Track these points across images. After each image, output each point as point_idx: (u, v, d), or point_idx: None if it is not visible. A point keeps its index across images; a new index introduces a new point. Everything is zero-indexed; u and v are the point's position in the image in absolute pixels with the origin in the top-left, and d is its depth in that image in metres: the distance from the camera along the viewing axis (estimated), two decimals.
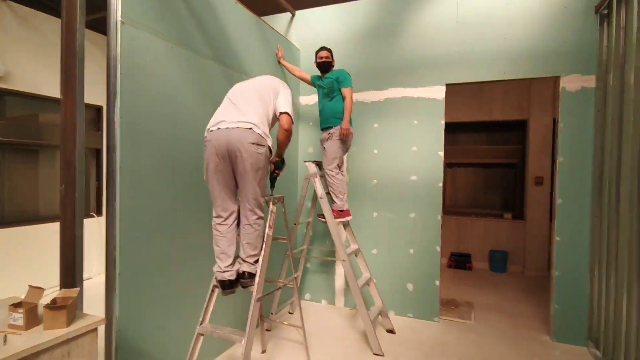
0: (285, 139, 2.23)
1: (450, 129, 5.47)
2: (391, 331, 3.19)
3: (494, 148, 5.93)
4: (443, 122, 3.38)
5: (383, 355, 2.76)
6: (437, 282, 3.40)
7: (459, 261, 5.41)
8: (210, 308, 2.18)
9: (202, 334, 2.13)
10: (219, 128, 1.99)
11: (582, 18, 2.99)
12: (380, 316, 3.24)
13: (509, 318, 3.56)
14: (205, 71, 2.52)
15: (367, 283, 3.21)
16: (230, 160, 1.98)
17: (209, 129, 2.03)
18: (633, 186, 2.27)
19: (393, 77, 3.55)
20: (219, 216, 2.09)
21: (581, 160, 3.00)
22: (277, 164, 2.44)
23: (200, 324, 2.13)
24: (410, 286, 3.50)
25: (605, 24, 2.84)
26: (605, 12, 2.82)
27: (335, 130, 3.03)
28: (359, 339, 3.04)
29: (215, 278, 2.14)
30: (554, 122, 4.88)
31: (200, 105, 2.43)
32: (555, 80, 3.07)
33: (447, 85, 3.38)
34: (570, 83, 3.01)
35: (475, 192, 6.19)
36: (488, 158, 5.94)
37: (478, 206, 6.10)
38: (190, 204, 2.35)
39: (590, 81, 2.96)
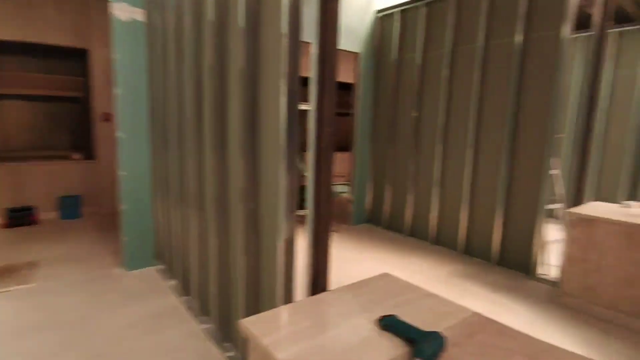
0: None
1: None
2: None
3: (53, 78, 5.05)
4: None
5: None
6: None
7: (18, 217, 4.41)
8: None
9: None
10: None
11: None
12: None
13: (81, 264, 3.33)
14: None
15: None
16: None
17: None
18: (175, 120, 2.57)
19: None
20: None
21: (138, 94, 3.07)
22: None
23: None
24: None
25: None
26: None
27: None
28: None
29: None
30: None
31: None
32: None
33: None
34: (120, 12, 2.90)
35: (36, 131, 5.13)
36: (47, 90, 5.00)
37: (41, 148, 5.13)
38: None
39: (139, 14, 2.98)
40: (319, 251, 1.33)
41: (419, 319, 1.12)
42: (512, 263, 3.52)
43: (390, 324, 1.07)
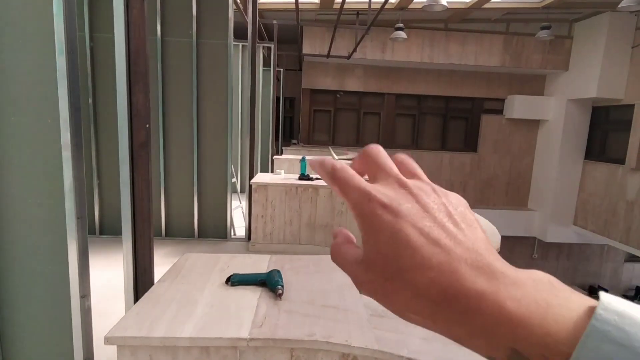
0: None
1: None
2: None
3: None
4: None
5: None
6: None
7: None
8: None
9: None
10: None
11: None
12: None
13: None
14: None
15: None
16: None
17: None
18: None
19: None
20: None
21: None
22: None
23: None
24: None
25: None
26: None
27: None
28: None
29: None
30: None
31: None
32: None
33: None
34: None
35: None
36: None
37: None
38: None
39: None
40: (142, 246, 1.33)
41: (247, 270, 1.49)
42: (211, 233, 4.19)
43: (238, 280, 1.38)
